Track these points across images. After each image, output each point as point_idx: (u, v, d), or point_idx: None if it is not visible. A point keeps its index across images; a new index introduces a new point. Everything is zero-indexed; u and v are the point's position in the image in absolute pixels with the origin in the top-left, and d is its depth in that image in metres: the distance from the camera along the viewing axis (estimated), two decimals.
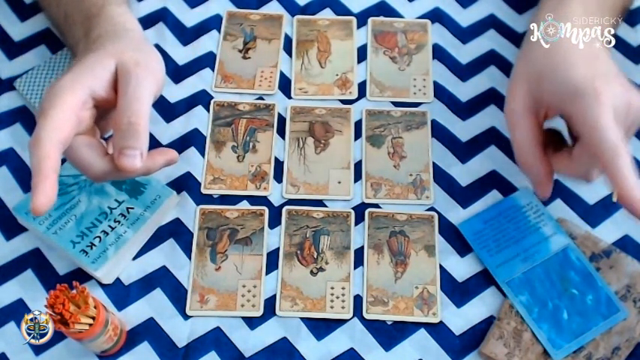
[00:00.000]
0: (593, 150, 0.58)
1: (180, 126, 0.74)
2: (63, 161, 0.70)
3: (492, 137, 0.74)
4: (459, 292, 0.66)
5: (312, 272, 0.67)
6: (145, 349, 0.63)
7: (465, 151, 0.73)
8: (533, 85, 0.62)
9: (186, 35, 0.80)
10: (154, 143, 0.73)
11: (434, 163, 0.72)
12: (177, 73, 0.77)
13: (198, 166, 0.72)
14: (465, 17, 0.81)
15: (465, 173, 0.72)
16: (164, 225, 0.69)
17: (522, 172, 0.65)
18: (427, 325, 0.64)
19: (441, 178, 0.71)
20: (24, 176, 0.71)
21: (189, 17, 0.81)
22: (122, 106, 0.57)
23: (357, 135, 0.74)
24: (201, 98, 0.76)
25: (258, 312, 0.65)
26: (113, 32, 0.63)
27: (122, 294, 0.66)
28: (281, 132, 0.74)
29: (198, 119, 0.74)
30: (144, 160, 0.57)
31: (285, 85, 0.77)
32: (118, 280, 0.66)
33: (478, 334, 0.64)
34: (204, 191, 0.71)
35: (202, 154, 0.72)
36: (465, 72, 0.78)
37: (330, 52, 0.79)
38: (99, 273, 0.64)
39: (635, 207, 0.56)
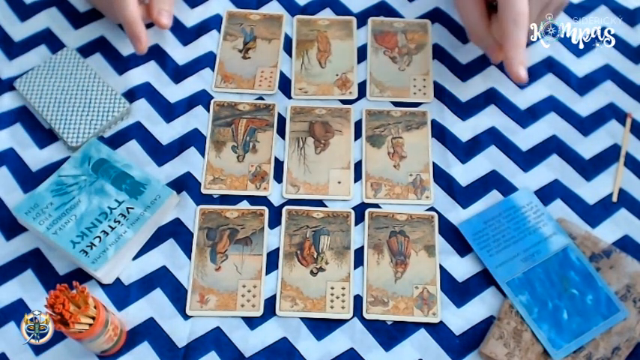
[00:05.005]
0: (499, 16, 0.65)
1: (180, 126, 0.74)
2: (63, 161, 0.71)
3: (492, 137, 0.73)
4: (459, 292, 0.66)
5: (312, 272, 0.67)
6: (145, 349, 0.63)
7: (465, 151, 0.73)
8: None
9: (186, 35, 0.80)
10: (154, 143, 0.73)
11: (434, 163, 0.72)
12: (177, 73, 0.77)
13: (198, 166, 0.72)
14: None
15: (465, 173, 0.72)
16: (164, 225, 0.69)
17: (476, 45, 0.72)
18: (427, 325, 0.64)
19: (441, 178, 0.71)
20: (24, 176, 0.71)
21: (189, 17, 0.81)
22: None
23: (357, 135, 0.74)
24: (201, 98, 0.76)
25: (258, 312, 0.65)
26: None
27: (122, 294, 0.66)
28: (281, 132, 0.74)
29: (198, 119, 0.74)
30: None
31: (285, 85, 0.77)
32: (118, 280, 0.66)
33: (478, 334, 0.64)
34: (204, 191, 0.70)
35: (202, 154, 0.72)
36: (465, 72, 0.78)
37: (330, 52, 0.79)
38: (99, 273, 0.64)
39: (513, 69, 0.64)
